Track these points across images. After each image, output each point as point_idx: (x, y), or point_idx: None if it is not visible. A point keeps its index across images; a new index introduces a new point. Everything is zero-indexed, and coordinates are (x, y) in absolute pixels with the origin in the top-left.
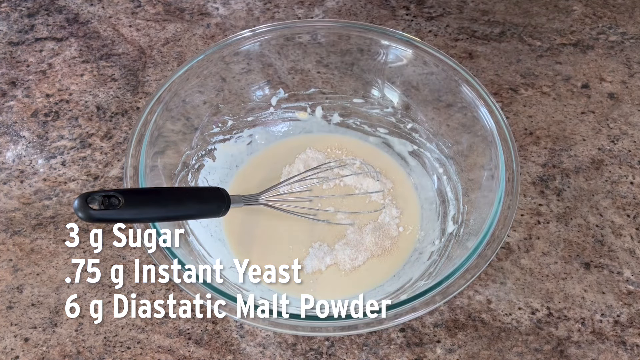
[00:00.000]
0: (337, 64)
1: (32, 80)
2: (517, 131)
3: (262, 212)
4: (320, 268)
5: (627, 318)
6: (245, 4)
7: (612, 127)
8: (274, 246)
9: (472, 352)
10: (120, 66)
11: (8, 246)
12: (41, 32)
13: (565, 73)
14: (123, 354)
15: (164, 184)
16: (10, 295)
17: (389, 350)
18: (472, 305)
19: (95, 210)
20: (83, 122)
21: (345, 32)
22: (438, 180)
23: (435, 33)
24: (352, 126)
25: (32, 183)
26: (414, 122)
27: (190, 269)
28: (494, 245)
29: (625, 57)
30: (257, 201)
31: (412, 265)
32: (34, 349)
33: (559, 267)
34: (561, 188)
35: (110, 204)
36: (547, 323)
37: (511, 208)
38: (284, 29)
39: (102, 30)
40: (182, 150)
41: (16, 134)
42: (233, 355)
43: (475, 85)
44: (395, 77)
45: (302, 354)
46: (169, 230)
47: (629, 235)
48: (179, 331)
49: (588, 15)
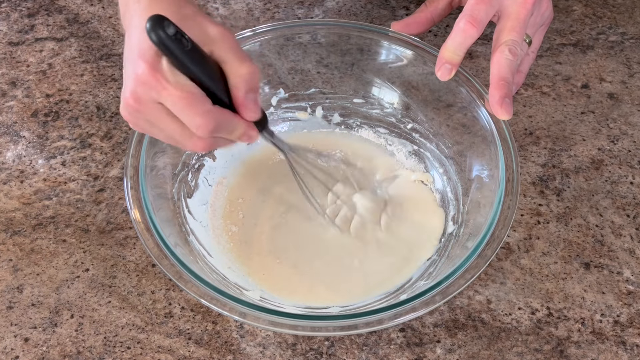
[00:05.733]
0: (337, 64)
1: (32, 80)
2: (517, 131)
3: (263, 210)
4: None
5: (627, 318)
6: (245, 4)
7: (612, 127)
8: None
9: (472, 352)
10: (121, 66)
11: (8, 246)
12: (41, 32)
13: (565, 73)
14: (123, 354)
15: (165, 184)
16: (10, 295)
17: (389, 350)
18: (472, 305)
19: (167, 36)
20: (83, 122)
21: (345, 32)
22: (438, 180)
23: (435, 33)
24: (352, 126)
25: (32, 183)
26: (414, 122)
27: (190, 269)
28: (494, 245)
29: (625, 57)
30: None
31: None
32: (34, 349)
33: (559, 267)
34: (561, 188)
35: (180, 43)
36: (547, 323)
37: (511, 208)
38: (284, 29)
39: (102, 30)
40: (182, 150)
41: (16, 134)
42: (233, 355)
43: (475, 85)
44: (395, 77)
45: (302, 354)
46: (169, 230)
47: (629, 235)
48: (179, 331)
49: (588, 15)
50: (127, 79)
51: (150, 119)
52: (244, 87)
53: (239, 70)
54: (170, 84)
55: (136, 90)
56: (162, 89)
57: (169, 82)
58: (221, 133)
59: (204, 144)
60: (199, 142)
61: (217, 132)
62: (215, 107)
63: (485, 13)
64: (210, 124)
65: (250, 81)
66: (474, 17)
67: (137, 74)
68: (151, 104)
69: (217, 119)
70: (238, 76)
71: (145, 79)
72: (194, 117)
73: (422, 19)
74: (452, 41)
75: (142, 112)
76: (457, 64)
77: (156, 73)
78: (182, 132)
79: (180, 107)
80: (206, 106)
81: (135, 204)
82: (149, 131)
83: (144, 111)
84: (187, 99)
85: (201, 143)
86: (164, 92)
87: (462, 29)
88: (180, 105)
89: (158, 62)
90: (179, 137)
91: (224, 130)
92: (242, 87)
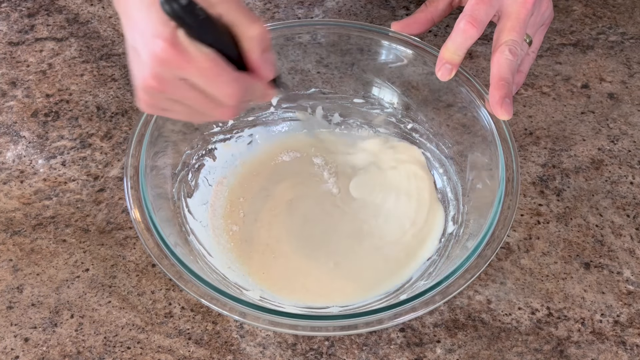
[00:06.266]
0: (337, 64)
1: (32, 80)
2: (517, 131)
3: (264, 208)
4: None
5: (627, 318)
6: (245, 4)
7: (612, 127)
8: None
9: (472, 352)
10: (121, 66)
11: (8, 246)
12: (41, 32)
13: (565, 73)
14: (123, 354)
15: (165, 184)
16: (10, 295)
17: (389, 350)
18: (472, 305)
19: (181, 7)
20: (83, 122)
21: (345, 32)
22: (438, 180)
23: (435, 33)
24: (352, 126)
25: (32, 183)
26: (414, 122)
27: (190, 269)
28: (494, 245)
29: (625, 57)
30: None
31: None
32: (34, 349)
33: (559, 267)
34: (561, 188)
35: (194, 12)
36: (547, 323)
37: (511, 208)
38: (284, 29)
39: (102, 30)
40: (183, 150)
41: (16, 134)
42: (233, 355)
43: (476, 85)
44: (395, 77)
45: (302, 354)
46: (170, 229)
47: (629, 235)
48: (179, 331)
49: (588, 15)
50: (141, 63)
51: (174, 97)
52: (259, 48)
53: (251, 32)
54: (193, 56)
55: (157, 70)
56: (186, 63)
57: (191, 55)
58: (245, 97)
59: (233, 111)
60: (227, 110)
61: (244, 97)
62: (239, 73)
63: (486, 13)
64: (240, 91)
65: (263, 42)
66: (475, 17)
67: (156, 53)
68: (175, 81)
69: (244, 84)
70: (251, 38)
71: (166, 57)
72: (223, 86)
73: (422, 19)
74: (452, 41)
75: (165, 92)
76: (458, 64)
77: (176, 48)
78: (208, 103)
79: (208, 79)
80: (232, 73)
81: (135, 204)
82: (169, 111)
83: (167, 90)
84: (213, 69)
85: (230, 111)
86: (188, 66)
87: (462, 29)
88: (207, 77)
89: (176, 37)
90: (207, 109)
91: (248, 94)
92: (256, 48)
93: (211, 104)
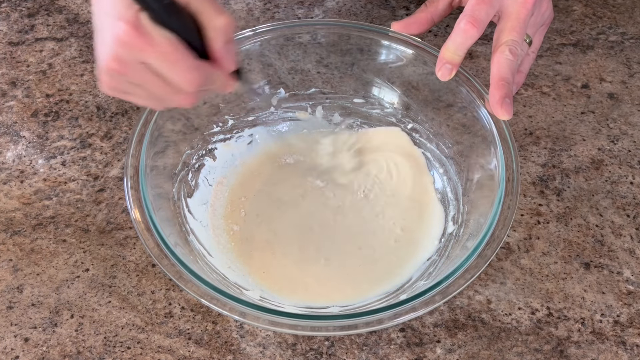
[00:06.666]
0: (337, 64)
1: (32, 80)
2: (517, 131)
3: (265, 207)
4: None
5: (627, 318)
6: (245, 4)
7: (612, 127)
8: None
9: (472, 352)
10: None
11: (8, 246)
12: (41, 32)
13: (565, 73)
14: (123, 354)
15: (165, 184)
16: (10, 295)
17: (389, 350)
18: (472, 305)
19: None
20: (83, 122)
21: (345, 32)
22: (438, 180)
23: (435, 33)
24: (352, 126)
25: (32, 183)
26: (414, 122)
27: (190, 269)
28: (494, 245)
29: (625, 57)
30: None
31: None
32: (34, 349)
33: (559, 267)
34: (561, 188)
35: None
36: (547, 323)
37: (511, 208)
38: (284, 29)
39: None
40: (183, 150)
41: (16, 134)
42: (233, 355)
43: (476, 85)
44: (395, 77)
45: (302, 354)
46: (170, 229)
47: (629, 235)
48: (179, 331)
49: (588, 15)
50: (105, 44)
51: (134, 81)
52: (222, 39)
53: (216, 22)
54: (155, 40)
55: (119, 52)
56: (147, 46)
57: (153, 39)
58: (205, 86)
59: (192, 99)
60: (186, 97)
61: (203, 85)
62: (200, 61)
63: (486, 13)
64: (199, 78)
65: (227, 32)
66: (475, 17)
67: (119, 36)
68: (136, 64)
69: (204, 72)
70: (216, 28)
71: (127, 39)
72: (183, 72)
73: (422, 19)
74: (452, 41)
75: (126, 75)
76: (458, 64)
77: (138, 31)
78: (168, 88)
79: (168, 64)
80: (193, 60)
81: (135, 204)
82: (130, 94)
83: (128, 73)
84: (174, 54)
85: (189, 98)
86: (150, 50)
87: (462, 29)
88: (168, 61)
89: (139, 20)
90: (166, 95)
91: (208, 83)
92: (220, 38)
93: (170, 89)
